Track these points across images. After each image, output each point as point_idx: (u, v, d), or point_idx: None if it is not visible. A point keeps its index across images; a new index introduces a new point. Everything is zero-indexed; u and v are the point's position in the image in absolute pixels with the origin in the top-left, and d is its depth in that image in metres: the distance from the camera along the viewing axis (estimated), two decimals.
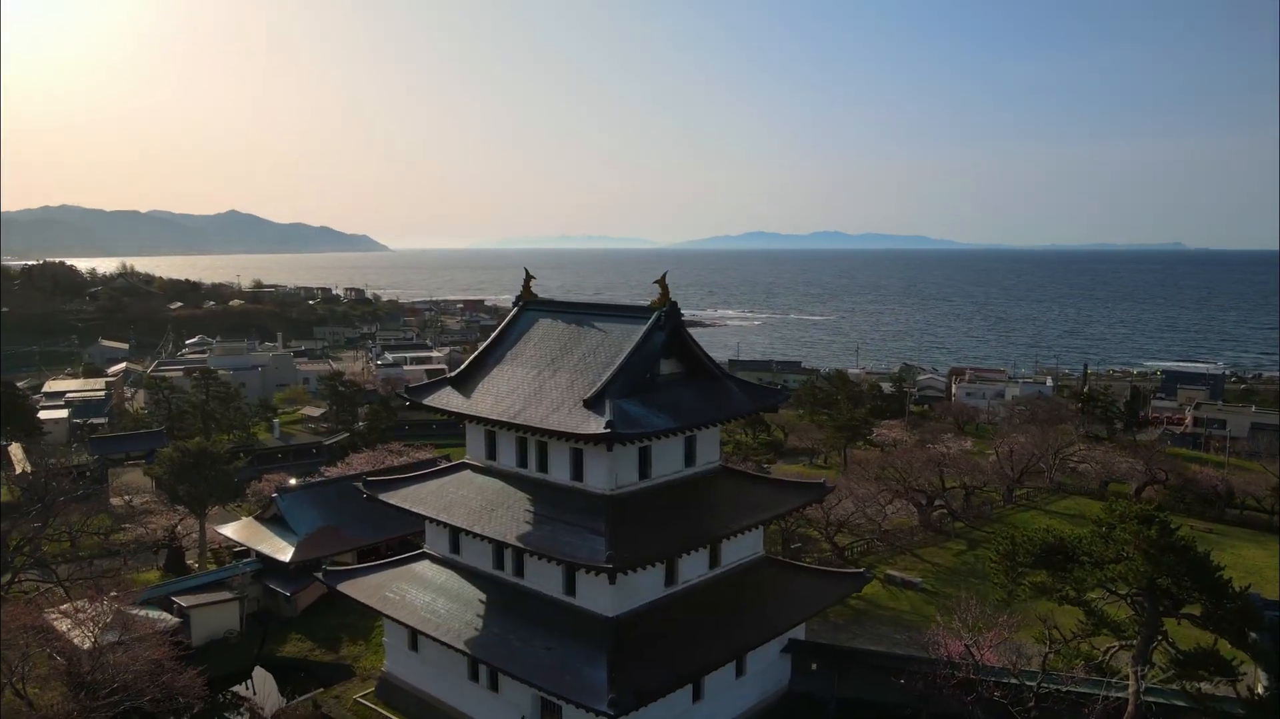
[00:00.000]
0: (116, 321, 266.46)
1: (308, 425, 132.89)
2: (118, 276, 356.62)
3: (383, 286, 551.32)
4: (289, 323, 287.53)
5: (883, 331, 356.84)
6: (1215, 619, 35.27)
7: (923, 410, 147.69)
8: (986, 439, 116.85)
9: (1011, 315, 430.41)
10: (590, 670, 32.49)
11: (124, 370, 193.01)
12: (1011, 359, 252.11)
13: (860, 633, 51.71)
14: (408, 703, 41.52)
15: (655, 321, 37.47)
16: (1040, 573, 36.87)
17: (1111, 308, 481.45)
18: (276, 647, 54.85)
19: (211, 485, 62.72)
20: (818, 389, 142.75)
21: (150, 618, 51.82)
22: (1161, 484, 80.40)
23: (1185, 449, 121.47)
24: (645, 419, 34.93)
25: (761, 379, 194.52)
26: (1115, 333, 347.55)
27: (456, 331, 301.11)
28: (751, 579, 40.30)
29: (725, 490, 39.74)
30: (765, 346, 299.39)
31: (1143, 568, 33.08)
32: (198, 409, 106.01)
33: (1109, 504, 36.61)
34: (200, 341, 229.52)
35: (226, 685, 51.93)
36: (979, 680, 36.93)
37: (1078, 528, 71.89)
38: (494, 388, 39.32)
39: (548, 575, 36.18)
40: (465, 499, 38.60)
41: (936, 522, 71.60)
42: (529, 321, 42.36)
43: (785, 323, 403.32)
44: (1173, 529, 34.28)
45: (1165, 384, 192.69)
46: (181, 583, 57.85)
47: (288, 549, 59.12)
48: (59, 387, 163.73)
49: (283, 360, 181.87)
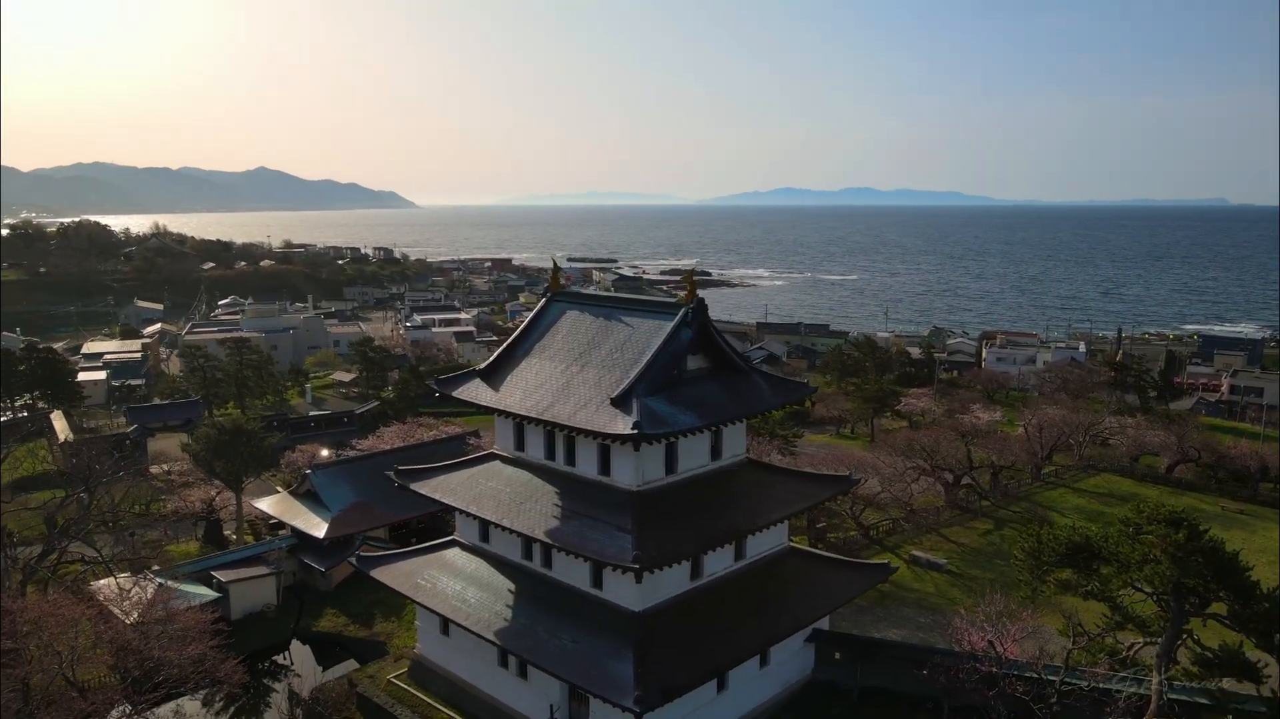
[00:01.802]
0: (151, 282, 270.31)
1: (339, 390, 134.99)
2: (151, 237, 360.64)
3: (410, 245, 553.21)
4: (319, 283, 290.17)
5: (912, 292, 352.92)
6: (1242, 619, 35.25)
7: (951, 377, 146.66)
8: (1016, 409, 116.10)
9: (1045, 275, 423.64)
10: (617, 665, 33.18)
11: (159, 332, 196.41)
12: (1044, 322, 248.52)
13: (885, 616, 52.13)
14: (439, 685, 42.69)
15: (682, 318, 37.48)
16: (1065, 571, 36.91)
17: (1148, 267, 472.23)
18: (312, 621, 56.49)
19: (247, 460, 64.08)
20: (846, 356, 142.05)
21: (191, 592, 53.59)
22: (1193, 462, 79.49)
23: (1220, 419, 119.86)
24: (672, 418, 35.13)
25: (790, 342, 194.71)
26: (1152, 294, 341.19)
27: (484, 292, 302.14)
28: (777, 571, 40.71)
29: (751, 484, 40.01)
30: (793, 308, 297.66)
31: (1169, 572, 33.04)
32: (232, 377, 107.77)
33: (1137, 504, 36.40)
34: (232, 303, 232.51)
35: (264, 658, 53.73)
36: (1002, 675, 37.21)
37: (1107, 507, 72.09)
38: (522, 381, 39.66)
39: (575, 568, 36.81)
40: (494, 491, 39.20)
41: (963, 500, 71.52)
42: (557, 313, 42.52)
43: (813, 283, 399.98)
44: (1201, 532, 34.11)
45: (1202, 348, 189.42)
46: (220, 558, 59.52)
47: (321, 525, 60.47)
48: (97, 348, 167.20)
49: (313, 323, 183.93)
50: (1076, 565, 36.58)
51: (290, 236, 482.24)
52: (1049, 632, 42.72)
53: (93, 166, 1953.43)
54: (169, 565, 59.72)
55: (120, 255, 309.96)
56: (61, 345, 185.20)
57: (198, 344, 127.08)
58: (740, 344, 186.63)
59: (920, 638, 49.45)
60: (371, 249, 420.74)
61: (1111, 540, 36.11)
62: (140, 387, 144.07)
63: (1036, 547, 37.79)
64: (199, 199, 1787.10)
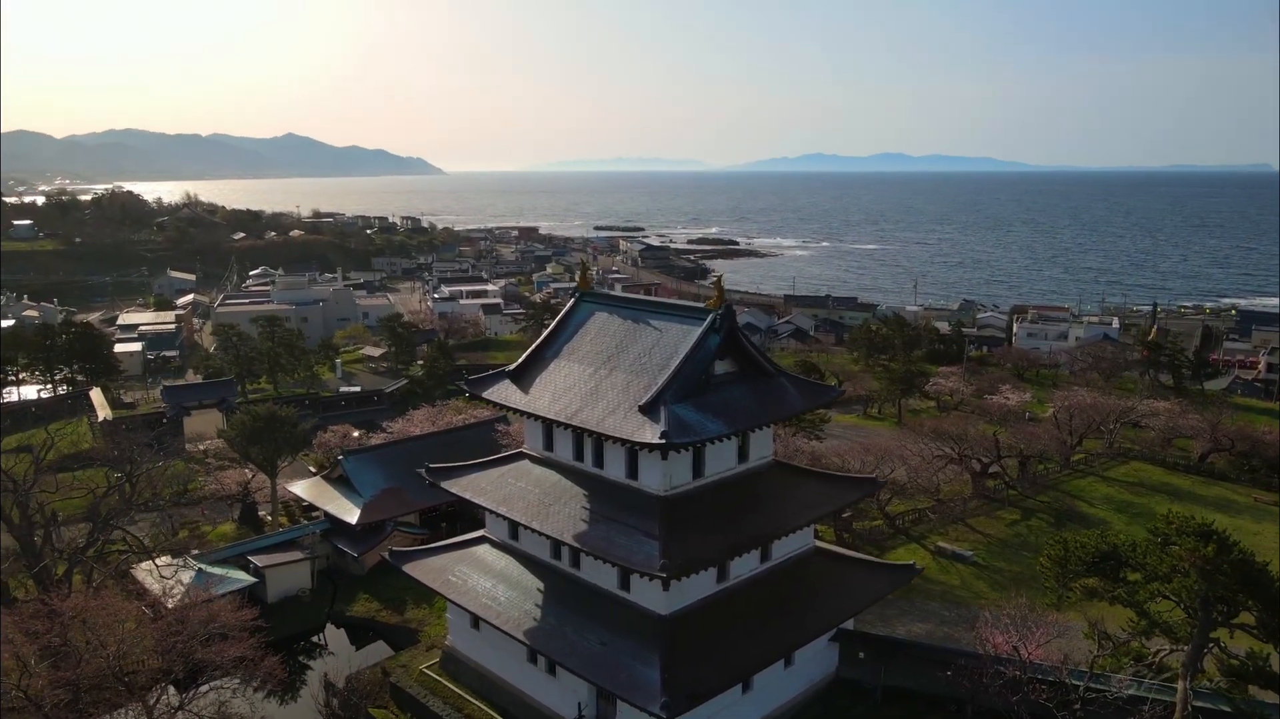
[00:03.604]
0: (183, 252, 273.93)
1: (368, 365, 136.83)
2: (183, 206, 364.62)
3: (437, 213, 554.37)
4: (347, 253, 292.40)
5: (943, 262, 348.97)
6: (1270, 630, 35.20)
7: (981, 355, 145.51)
8: (1046, 389, 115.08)
9: (1078, 245, 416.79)
10: (644, 669, 33.80)
11: (192, 302, 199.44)
12: (1077, 294, 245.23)
13: (909, 609, 52.47)
14: (470, 677, 43.71)
15: (710, 324, 37.54)
16: (1092, 579, 36.92)
17: (1187, 236, 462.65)
18: (345, 606, 57.84)
19: (281, 446, 65.36)
20: (874, 333, 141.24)
21: (228, 577, 55.09)
22: (1226, 451, 78.58)
23: (1256, 399, 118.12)
24: (700, 425, 35.35)
25: (817, 315, 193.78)
26: (1189, 265, 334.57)
27: (511, 262, 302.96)
28: (802, 572, 41.06)
29: (778, 487, 40.24)
30: (821, 279, 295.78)
31: (1197, 586, 32.98)
32: (265, 355, 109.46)
33: (1166, 515, 36.19)
34: (263, 273, 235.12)
35: (300, 643, 55.22)
36: (1025, 679, 37.45)
37: (1136, 498, 71.69)
38: (551, 384, 40.03)
39: (603, 569, 37.35)
40: (524, 492, 39.77)
41: (990, 490, 71.36)
42: (585, 314, 42.73)
43: (842, 252, 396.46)
44: (1230, 544, 33.92)
45: (1239, 324, 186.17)
46: (256, 542, 60.95)
47: (354, 510, 61.68)
48: (132, 319, 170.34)
49: (342, 295, 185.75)
50: (1103, 574, 36.56)
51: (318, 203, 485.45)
52: (1074, 631, 42.80)
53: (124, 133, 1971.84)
54: (207, 549, 61.43)
55: (153, 225, 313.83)
56: (98, 316, 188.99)
57: (231, 323, 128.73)
58: (767, 317, 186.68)
59: (944, 633, 49.85)
60: (399, 218, 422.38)
61: (1140, 549, 36.04)
62: (174, 358, 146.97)
63: (1063, 554, 37.81)
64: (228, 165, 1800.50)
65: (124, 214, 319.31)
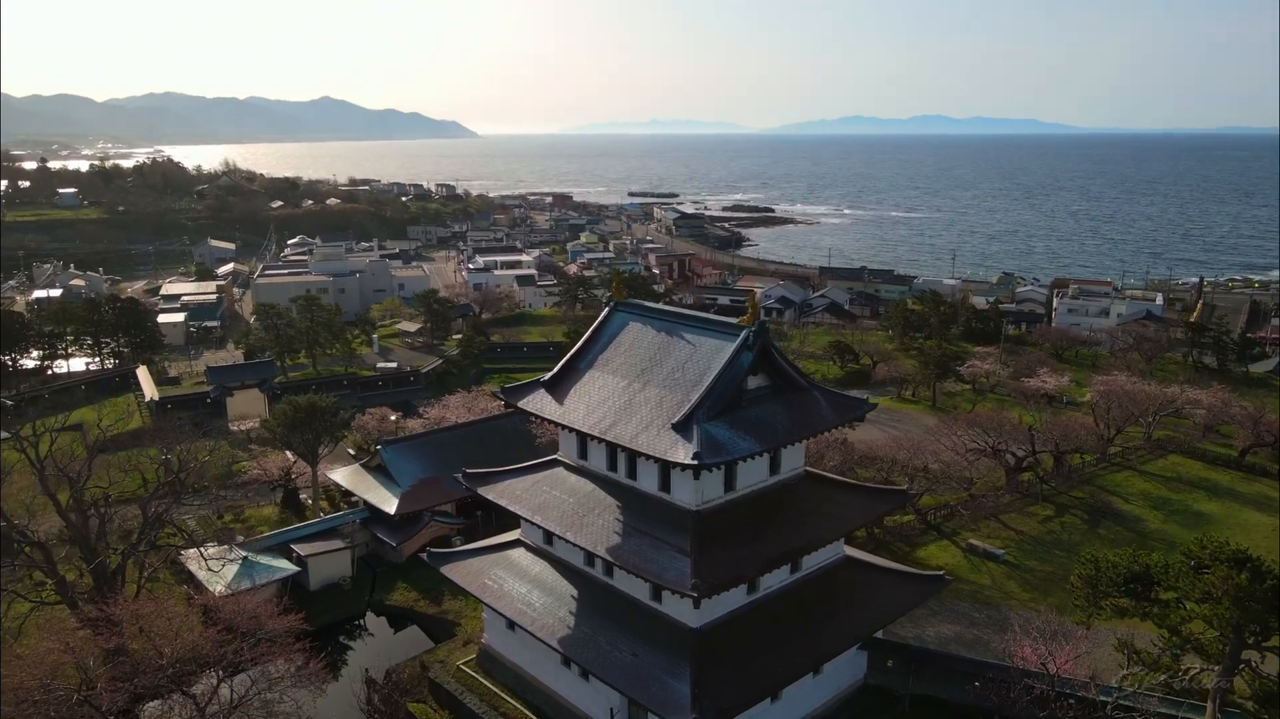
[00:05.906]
0: (222, 220, 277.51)
1: (404, 339, 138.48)
2: (222, 174, 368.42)
3: (472, 179, 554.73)
4: (383, 222, 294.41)
5: (982, 233, 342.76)
6: None
7: (1019, 334, 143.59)
8: (1085, 371, 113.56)
9: (1122, 213, 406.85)
10: (674, 682, 34.59)
11: (232, 272, 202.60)
12: (1120, 267, 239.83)
13: (939, 609, 52.71)
14: (506, 676, 44.97)
15: (744, 341, 37.69)
16: (1123, 599, 36.95)
17: (1238, 204, 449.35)
18: (384, 595, 59.42)
19: (321, 434, 66.81)
20: (909, 312, 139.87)
21: (272, 566, 56.82)
22: (1269, 446, 77.24)
23: None
24: (731, 443, 35.70)
25: (853, 289, 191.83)
26: (1239, 239, 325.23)
27: (545, 230, 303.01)
28: (832, 583, 41.48)
29: (810, 500, 40.53)
30: (856, 249, 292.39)
31: (1229, 613, 32.92)
32: (304, 334, 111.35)
33: (1201, 538, 36.01)
34: (301, 242, 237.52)
35: (340, 630, 56.93)
36: (1054, 694, 37.71)
37: (1174, 494, 70.98)
38: (585, 396, 40.52)
39: (636, 580, 38.05)
40: (558, 501, 40.52)
41: (1024, 484, 70.99)
42: (619, 324, 43.04)
43: (879, 220, 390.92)
44: (1265, 572, 33.74)
45: None
46: (298, 530, 62.60)
47: (392, 500, 63.08)
48: (175, 289, 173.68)
49: (378, 266, 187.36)
50: (1134, 595, 36.56)
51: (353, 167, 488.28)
52: (1104, 639, 42.85)
53: (164, 97, 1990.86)
54: (250, 534, 63.30)
55: (193, 193, 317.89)
56: (142, 285, 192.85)
57: (270, 300, 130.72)
58: (803, 291, 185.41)
59: (974, 635, 50.16)
60: (434, 185, 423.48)
61: (1172, 572, 35.96)
62: (216, 328, 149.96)
63: (1094, 574, 37.82)
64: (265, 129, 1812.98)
65: (165, 182, 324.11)
